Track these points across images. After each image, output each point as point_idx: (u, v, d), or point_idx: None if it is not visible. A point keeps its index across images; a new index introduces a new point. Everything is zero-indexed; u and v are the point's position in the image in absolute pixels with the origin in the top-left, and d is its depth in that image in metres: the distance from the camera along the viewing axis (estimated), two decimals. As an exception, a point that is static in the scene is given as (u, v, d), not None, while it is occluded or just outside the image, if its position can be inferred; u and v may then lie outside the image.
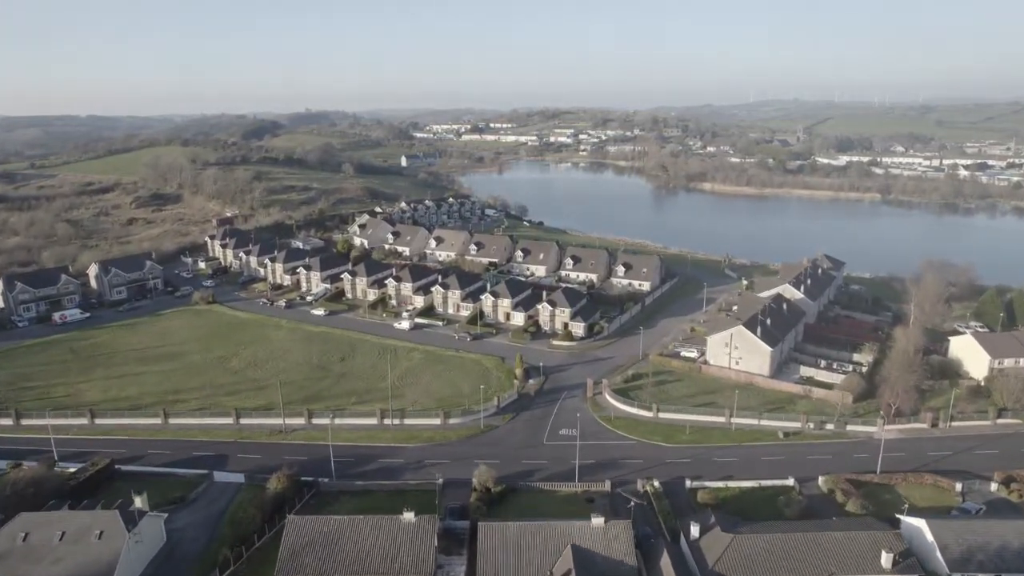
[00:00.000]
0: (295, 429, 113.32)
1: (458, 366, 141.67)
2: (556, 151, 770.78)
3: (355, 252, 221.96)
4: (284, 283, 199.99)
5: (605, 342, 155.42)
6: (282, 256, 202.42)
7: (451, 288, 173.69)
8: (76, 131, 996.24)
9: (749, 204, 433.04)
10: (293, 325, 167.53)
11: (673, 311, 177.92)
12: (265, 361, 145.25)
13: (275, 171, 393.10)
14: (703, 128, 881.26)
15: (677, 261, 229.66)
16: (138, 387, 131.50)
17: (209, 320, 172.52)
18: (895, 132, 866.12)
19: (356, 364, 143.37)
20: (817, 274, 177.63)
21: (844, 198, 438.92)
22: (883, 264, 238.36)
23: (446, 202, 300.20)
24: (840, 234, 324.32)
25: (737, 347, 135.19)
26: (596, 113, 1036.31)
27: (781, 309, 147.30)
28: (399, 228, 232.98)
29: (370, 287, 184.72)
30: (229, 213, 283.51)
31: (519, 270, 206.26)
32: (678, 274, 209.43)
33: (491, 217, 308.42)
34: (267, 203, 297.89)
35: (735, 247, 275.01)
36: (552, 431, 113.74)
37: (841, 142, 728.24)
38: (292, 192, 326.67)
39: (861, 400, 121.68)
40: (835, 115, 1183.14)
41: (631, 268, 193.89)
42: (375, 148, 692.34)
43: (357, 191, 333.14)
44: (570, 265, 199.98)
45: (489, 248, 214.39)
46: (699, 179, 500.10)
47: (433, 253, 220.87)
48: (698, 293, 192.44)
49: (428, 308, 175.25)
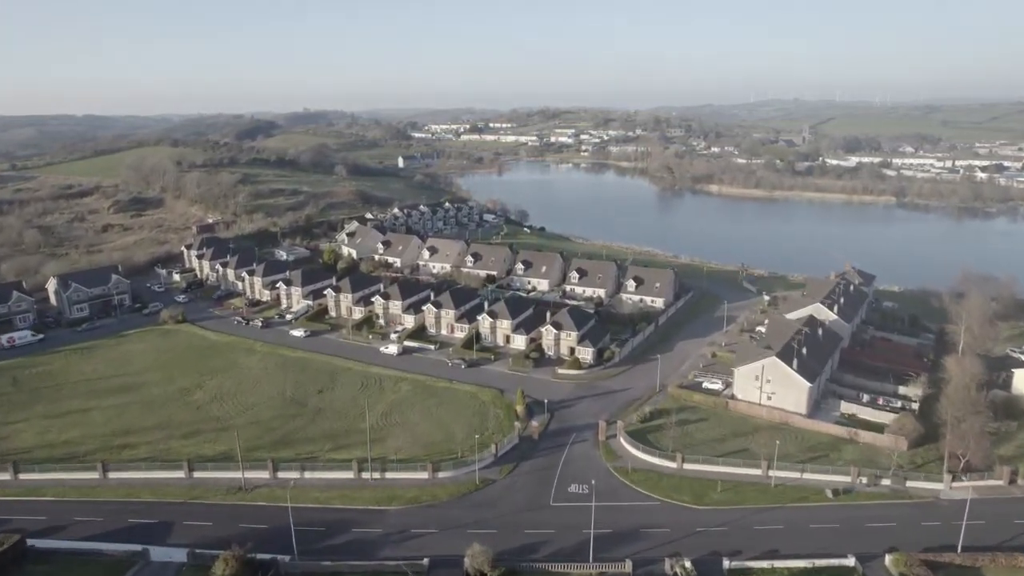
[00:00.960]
0: (257, 486, 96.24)
1: (451, 400, 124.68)
2: (557, 151, 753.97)
3: (342, 263, 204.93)
4: (263, 299, 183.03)
5: (617, 370, 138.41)
6: (261, 269, 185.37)
7: (444, 307, 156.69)
8: (71, 131, 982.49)
9: (758, 207, 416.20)
10: (269, 349, 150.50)
11: (690, 332, 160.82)
12: (233, 394, 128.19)
13: (264, 173, 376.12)
14: (706, 128, 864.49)
15: (690, 272, 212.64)
16: (82, 428, 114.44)
17: (176, 343, 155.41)
18: (900, 132, 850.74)
19: (335, 398, 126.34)
20: (849, 291, 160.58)
21: (857, 201, 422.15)
22: (912, 275, 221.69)
23: (442, 207, 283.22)
24: (859, 241, 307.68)
25: (769, 380, 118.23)
26: (597, 113, 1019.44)
27: (816, 334, 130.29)
28: (390, 237, 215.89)
29: (356, 304, 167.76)
30: (211, 219, 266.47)
31: (519, 284, 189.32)
32: (692, 288, 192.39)
33: (490, 223, 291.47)
34: (252, 208, 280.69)
35: (749, 255, 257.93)
36: (559, 487, 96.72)
37: (848, 142, 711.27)
38: (280, 196, 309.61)
39: (917, 446, 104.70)
40: (837, 115, 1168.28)
41: (642, 283, 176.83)
42: (371, 149, 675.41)
43: (348, 195, 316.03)
44: (575, 279, 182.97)
45: (487, 259, 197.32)
46: (705, 181, 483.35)
47: (426, 265, 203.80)
48: (716, 310, 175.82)
49: (419, 329, 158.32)
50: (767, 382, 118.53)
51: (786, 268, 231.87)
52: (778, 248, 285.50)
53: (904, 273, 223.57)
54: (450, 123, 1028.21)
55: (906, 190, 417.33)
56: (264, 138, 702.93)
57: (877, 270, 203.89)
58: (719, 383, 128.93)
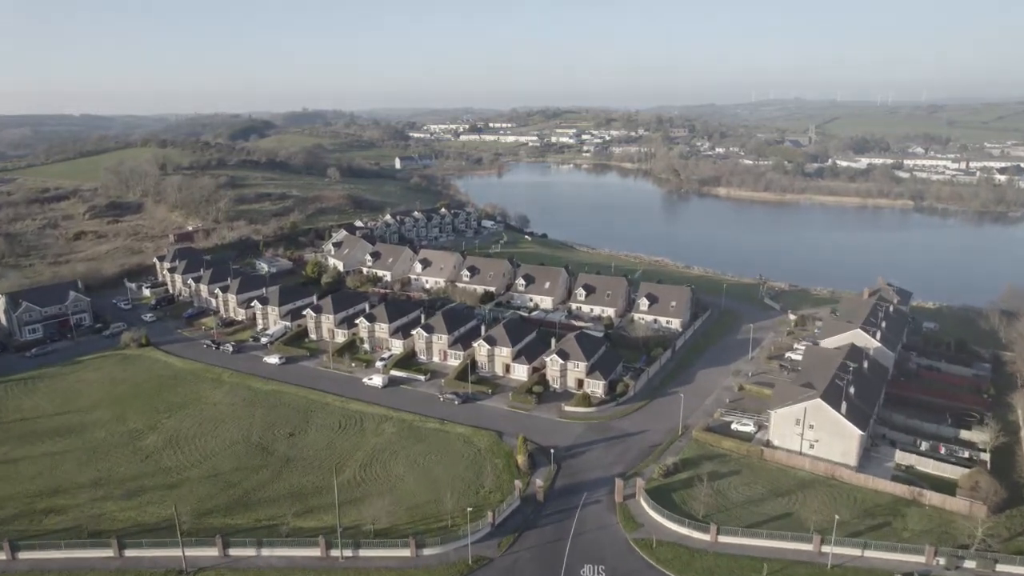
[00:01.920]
0: (201, 568, 79.23)
1: (441, 446, 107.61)
2: (558, 152, 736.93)
3: (327, 277, 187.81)
4: (238, 318, 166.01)
5: (631, 407, 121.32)
6: (236, 285, 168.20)
7: (436, 331, 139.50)
8: (67, 131, 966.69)
9: (769, 211, 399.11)
10: (238, 379, 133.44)
11: (712, 358, 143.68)
12: (191, 437, 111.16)
13: (252, 176, 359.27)
14: (710, 128, 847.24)
15: (705, 286, 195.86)
16: (3, 485, 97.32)
17: (136, 371, 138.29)
18: (906, 132, 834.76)
19: (308, 443, 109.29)
20: (889, 313, 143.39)
21: (872, 205, 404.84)
22: (946, 289, 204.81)
23: (437, 214, 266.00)
24: (881, 249, 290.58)
25: (812, 426, 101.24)
26: (599, 113, 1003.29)
27: (862, 369, 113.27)
28: (380, 248, 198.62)
29: (338, 326, 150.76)
30: (191, 227, 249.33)
31: (520, 301, 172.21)
32: (710, 305, 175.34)
33: (489, 230, 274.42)
34: (235, 214, 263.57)
35: (766, 266, 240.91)
36: (570, 570, 79.60)
37: (856, 143, 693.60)
38: (267, 201, 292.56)
39: (999, 511, 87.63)
40: (841, 115, 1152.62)
41: (657, 301, 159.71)
42: (368, 149, 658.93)
43: (339, 199, 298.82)
44: (582, 296, 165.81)
45: (485, 274, 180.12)
46: (712, 183, 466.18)
47: (419, 279, 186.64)
48: (738, 331, 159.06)
49: (408, 355, 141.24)
50: (809, 428, 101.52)
51: (808, 280, 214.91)
52: (796, 257, 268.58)
53: (938, 287, 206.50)
54: (449, 123, 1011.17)
55: (923, 193, 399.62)
56: (257, 138, 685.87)
57: (906, 283, 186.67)
58: (750, 424, 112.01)
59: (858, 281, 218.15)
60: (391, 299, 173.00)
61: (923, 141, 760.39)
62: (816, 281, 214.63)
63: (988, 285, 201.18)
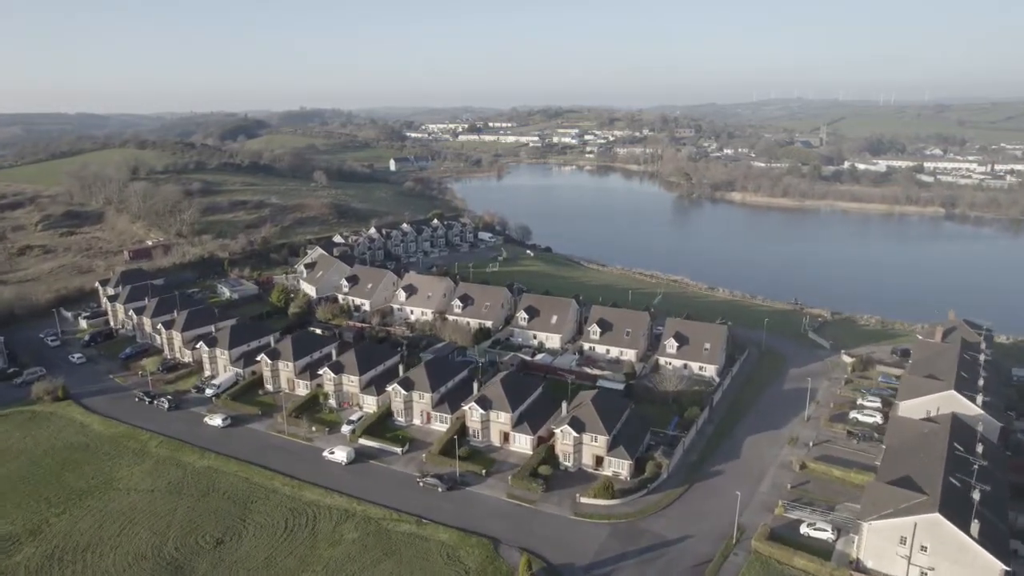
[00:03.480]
0: None
1: (416, 563, 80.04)
2: (560, 153, 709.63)
3: (296, 306, 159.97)
4: (185, 359, 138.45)
5: (666, 495, 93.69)
6: (182, 319, 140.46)
7: (418, 388, 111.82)
8: (60, 129, 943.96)
9: (789, 219, 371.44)
10: (167, 451, 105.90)
11: (760, 419, 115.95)
12: (84, 548, 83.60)
13: (231, 181, 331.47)
14: (717, 128, 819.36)
15: (736, 314, 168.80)
16: None
17: (39, 437, 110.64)
18: (916, 132, 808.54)
19: (239, 556, 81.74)
20: (978, 363, 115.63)
21: (899, 212, 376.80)
22: (1014, 315, 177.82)
23: (428, 225, 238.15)
24: (924, 264, 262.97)
25: (926, 548, 73.63)
26: (601, 112, 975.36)
27: (978, 456, 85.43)
28: (358, 271, 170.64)
29: (300, 375, 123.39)
30: (150, 241, 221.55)
31: (522, 338, 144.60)
32: (746, 342, 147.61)
33: (486, 243, 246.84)
34: (202, 227, 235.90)
35: (801, 286, 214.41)
36: None
37: (871, 144, 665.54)
38: (241, 210, 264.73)
39: None
40: (847, 115, 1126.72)
41: (687, 343, 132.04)
42: (362, 150, 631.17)
43: (321, 209, 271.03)
44: (596, 334, 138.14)
45: (480, 304, 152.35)
46: (725, 188, 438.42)
47: (403, 309, 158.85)
48: (784, 377, 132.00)
49: (384, 415, 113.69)
50: (921, 551, 73.90)
51: (850, 305, 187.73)
52: (831, 276, 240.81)
53: (1005, 314, 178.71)
54: (448, 122, 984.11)
55: (955, 200, 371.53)
56: (245, 139, 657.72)
57: (960, 308, 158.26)
58: (826, 528, 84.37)
59: (909, 307, 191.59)
60: (367, 335, 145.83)
61: (937, 142, 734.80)
62: (860, 307, 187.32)
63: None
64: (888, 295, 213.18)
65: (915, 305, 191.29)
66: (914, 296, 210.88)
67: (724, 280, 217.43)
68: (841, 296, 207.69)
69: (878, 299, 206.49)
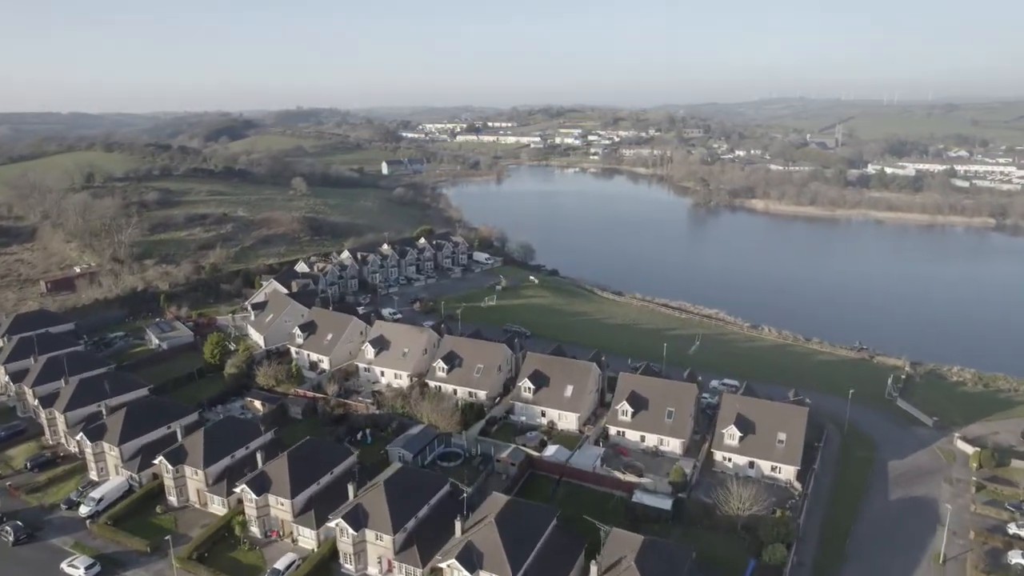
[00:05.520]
0: None
1: None
2: (562, 154, 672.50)
3: (234, 364, 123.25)
4: (72, 449, 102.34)
5: None
6: (69, 391, 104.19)
7: (373, 523, 75.44)
8: (50, 129, 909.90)
9: (821, 231, 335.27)
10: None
11: (870, 568, 79.60)
12: None
13: (196, 190, 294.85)
14: (727, 129, 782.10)
15: (793, 366, 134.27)
16: None
17: None
18: (931, 133, 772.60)
19: None
20: None
21: (943, 223, 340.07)
22: None
23: (414, 246, 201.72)
24: (1006, 293, 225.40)
25: None
26: (605, 112, 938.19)
27: None
28: (316, 315, 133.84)
29: (214, 486, 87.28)
30: (78, 268, 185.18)
31: (527, 416, 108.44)
32: (819, 418, 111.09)
33: (483, 266, 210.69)
34: (146, 248, 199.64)
35: (859, 321, 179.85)
36: None
37: (893, 146, 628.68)
38: (198, 226, 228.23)
39: None
40: (853, 114, 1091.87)
41: (753, 432, 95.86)
42: (353, 152, 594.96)
43: (291, 224, 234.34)
44: (627, 414, 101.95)
45: (471, 365, 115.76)
46: (745, 195, 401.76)
47: (370, 370, 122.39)
48: (883, 480, 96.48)
49: (327, 555, 77.56)
50: None
51: (929, 351, 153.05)
52: (894, 307, 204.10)
53: None
54: (447, 122, 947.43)
55: (1007, 209, 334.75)
56: (229, 140, 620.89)
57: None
58: None
59: (1006, 353, 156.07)
60: (320, 410, 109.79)
61: (956, 142, 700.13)
62: (942, 352, 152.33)
63: None
64: (968, 333, 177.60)
65: (1015, 351, 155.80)
66: (1008, 337, 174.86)
67: (767, 315, 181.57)
68: (909, 334, 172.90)
69: (957, 338, 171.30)
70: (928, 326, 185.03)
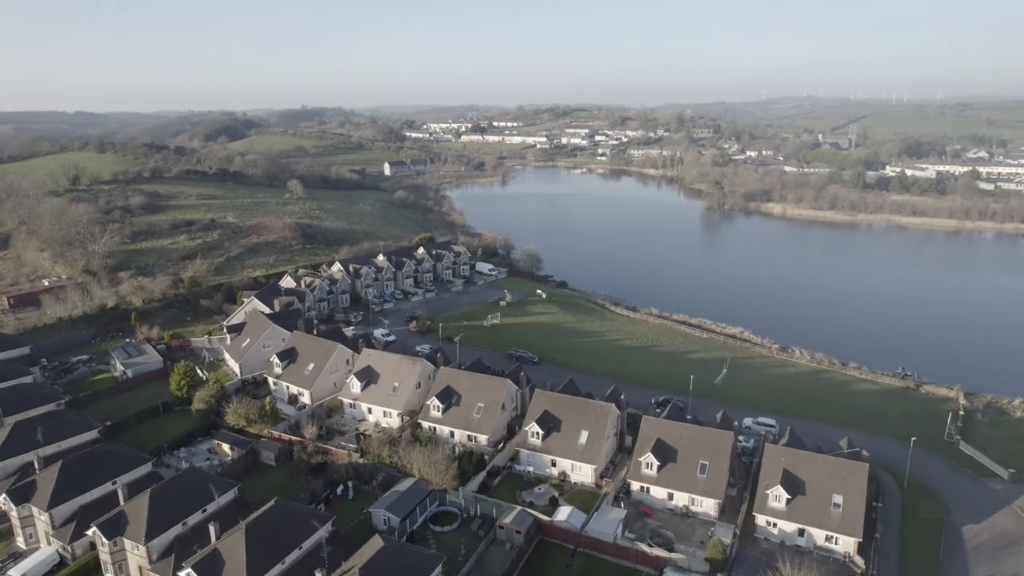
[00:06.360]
0: None
1: None
2: (569, 155, 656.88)
3: (202, 399, 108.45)
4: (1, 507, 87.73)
5: None
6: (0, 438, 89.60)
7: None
8: (54, 129, 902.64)
9: (842, 238, 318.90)
10: None
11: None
12: None
13: (186, 193, 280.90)
14: (738, 129, 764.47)
15: (831, 399, 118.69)
16: None
17: None
18: (945, 132, 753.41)
19: None
20: None
21: (971, 229, 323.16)
22: None
23: (411, 257, 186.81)
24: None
25: None
26: (612, 111, 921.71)
27: None
28: (296, 341, 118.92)
29: (158, 563, 72.41)
30: (47, 281, 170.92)
31: (535, 466, 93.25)
32: (873, 468, 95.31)
33: (486, 278, 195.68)
34: (123, 259, 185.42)
35: (897, 341, 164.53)
36: None
37: (910, 146, 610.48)
38: (183, 233, 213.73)
39: None
40: (863, 113, 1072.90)
41: (802, 492, 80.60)
42: (355, 152, 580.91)
43: (283, 231, 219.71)
44: (652, 468, 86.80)
45: (470, 404, 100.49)
46: (760, 198, 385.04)
47: (355, 408, 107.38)
48: (960, 556, 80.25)
49: (286, 664, 62.61)
50: None
51: (983, 379, 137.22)
52: (936, 324, 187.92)
53: None
54: (451, 121, 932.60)
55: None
56: (228, 140, 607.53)
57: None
58: None
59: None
60: (296, 456, 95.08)
61: (972, 142, 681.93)
62: (990, 378, 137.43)
63: None
64: (1020, 356, 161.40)
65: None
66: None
67: (795, 333, 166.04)
68: (951, 356, 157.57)
69: (1008, 363, 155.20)
70: (971, 347, 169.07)
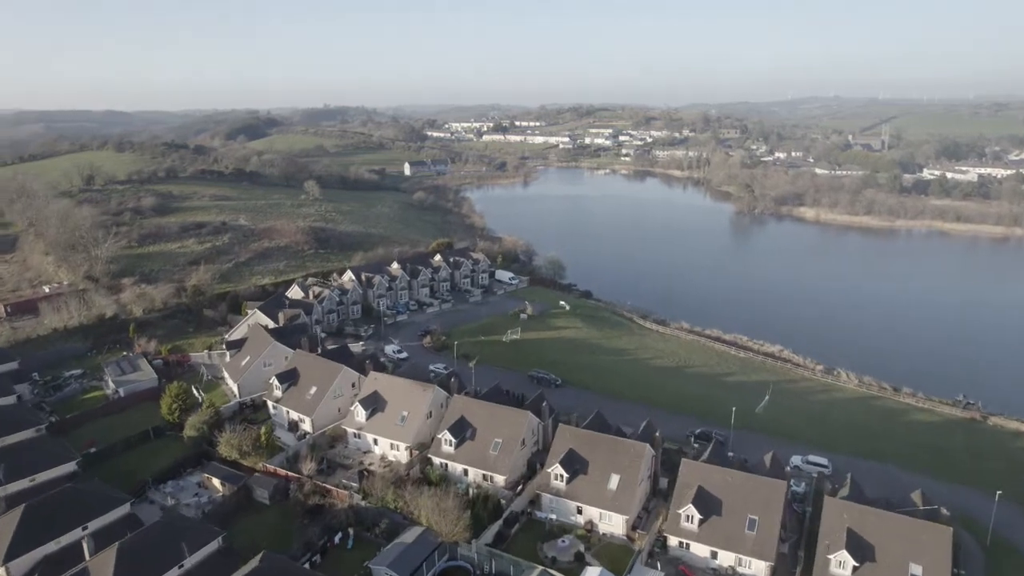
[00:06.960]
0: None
1: None
2: (593, 155, 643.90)
3: (194, 425, 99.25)
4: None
5: None
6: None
7: None
8: (81, 127, 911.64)
9: (881, 245, 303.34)
10: None
11: None
12: None
13: (200, 193, 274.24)
14: (766, 129, 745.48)
15: (885, 432, 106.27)
16: None
17: None
18: (981, 133, 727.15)
19: None
20: None
21: (1022, 236, 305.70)
22: None
23: (427, 265, 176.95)
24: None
25: None
26: (636, 111, 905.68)
27: None
28: (298, 361, 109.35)
29: (126, 630, 62.75)
30: (47, 288, 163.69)
31: (559, 512, 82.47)
32: (956, 534, 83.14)
33: (506, 287, 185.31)
34: (128, 264, 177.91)
35: (955, 366, 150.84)
36: None
37: (947, 148, 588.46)
38: (192, 237, 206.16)
39: None
40: (895, 113, 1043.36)
41: (871, 556, 68.96)
42: (376, 152, 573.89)
43: (295, 235, 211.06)
44: (693, 522, 75.68)
45: (486, 439, 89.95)
46: (792, 202, 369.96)
47: (360, 439, 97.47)
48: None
49: None
50: None
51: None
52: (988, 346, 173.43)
53: None
54: (473, 120, 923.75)
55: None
56: (247, 139, 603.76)
57: None
58: None
59: None
60: (292, 495, 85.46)
61: (1013, 143, 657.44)
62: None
63: None
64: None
65: None
66: None
67: (839, 352, 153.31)
68: (1012, 380, 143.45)
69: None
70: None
